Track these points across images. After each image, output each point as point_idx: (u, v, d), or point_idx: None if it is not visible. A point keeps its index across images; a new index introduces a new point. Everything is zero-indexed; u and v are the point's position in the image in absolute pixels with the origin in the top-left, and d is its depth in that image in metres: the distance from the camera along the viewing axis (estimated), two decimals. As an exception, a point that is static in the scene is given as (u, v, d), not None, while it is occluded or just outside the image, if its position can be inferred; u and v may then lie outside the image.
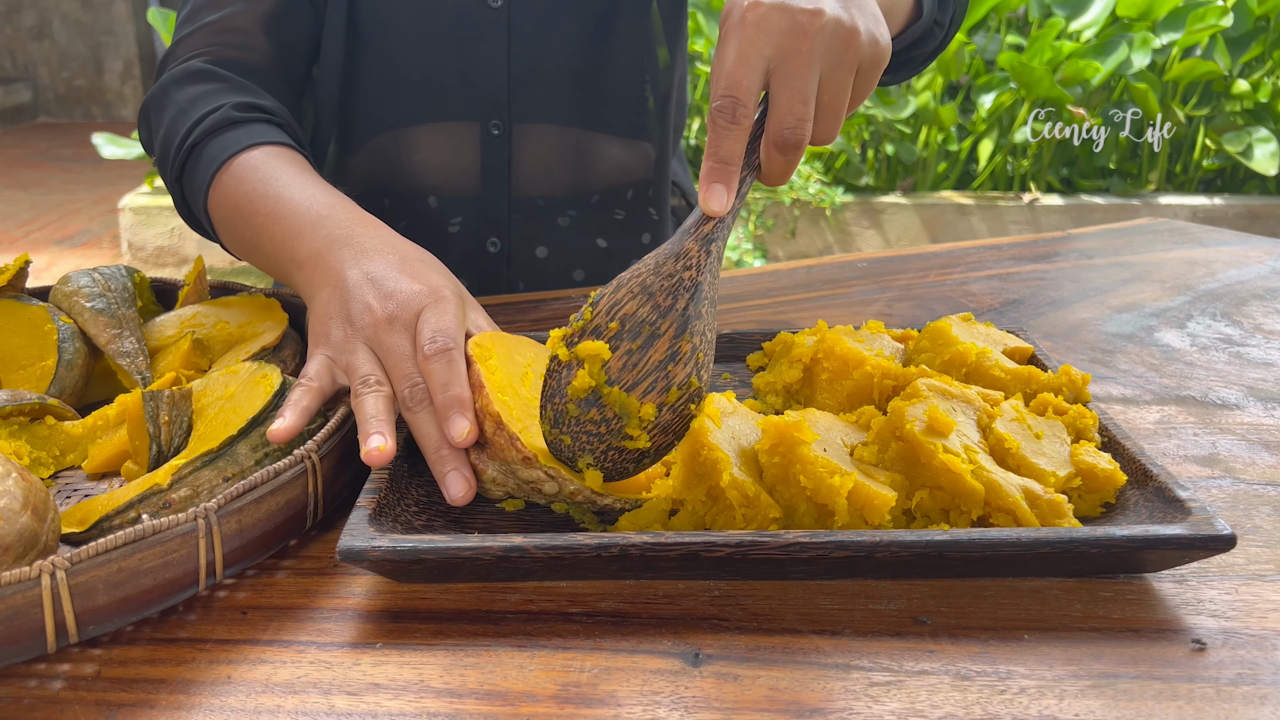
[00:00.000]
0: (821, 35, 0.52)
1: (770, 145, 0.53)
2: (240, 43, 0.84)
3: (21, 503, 0.46)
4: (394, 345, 0.58)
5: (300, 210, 0.68)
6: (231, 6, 0.84)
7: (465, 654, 0.45)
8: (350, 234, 0.65)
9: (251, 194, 0.71)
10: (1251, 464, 0.62)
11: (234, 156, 0.74)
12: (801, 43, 0.52)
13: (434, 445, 0.54)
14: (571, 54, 0.90)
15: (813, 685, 0.43)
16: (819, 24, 0.52)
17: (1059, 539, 0.47)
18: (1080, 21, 3.32)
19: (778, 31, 0.52)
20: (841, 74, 0.54)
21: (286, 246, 0.67)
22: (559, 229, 0.96)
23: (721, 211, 0.53)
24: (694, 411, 0.53)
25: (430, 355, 0.56)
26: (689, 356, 0.52)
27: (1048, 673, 0.43)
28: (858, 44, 0.53)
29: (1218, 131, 3.42)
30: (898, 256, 1.06)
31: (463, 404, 0.54)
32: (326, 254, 0.64)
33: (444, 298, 0.60)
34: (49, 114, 6.56)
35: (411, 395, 0.55)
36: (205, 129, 0.76)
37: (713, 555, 0.47)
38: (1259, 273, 1.01)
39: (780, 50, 0.52)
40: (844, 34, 0.53)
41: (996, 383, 0.63)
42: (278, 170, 0.72)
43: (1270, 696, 0.42)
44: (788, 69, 0.52)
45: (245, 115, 0.77)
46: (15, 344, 0.67)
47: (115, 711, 0.42)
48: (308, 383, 0.58)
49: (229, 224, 0.74)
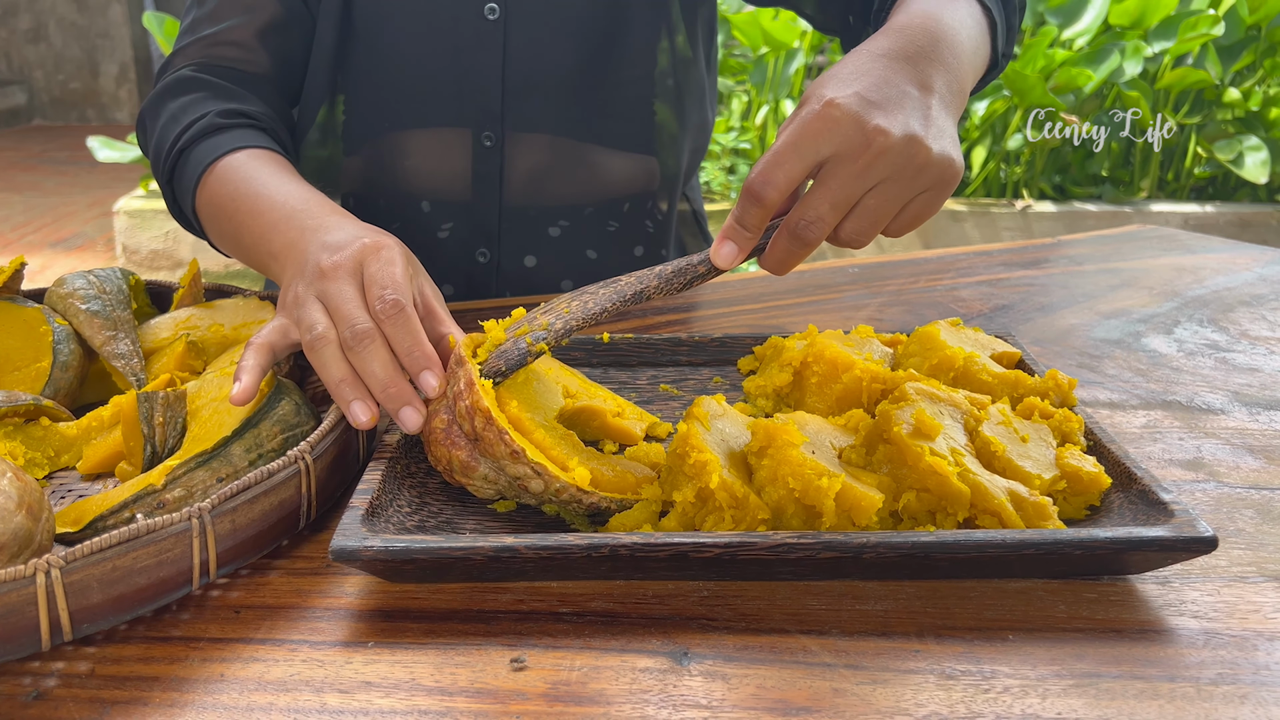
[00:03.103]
0: (886, 156, 0.51)
1: (783, 230, 0.54)
2: (236, 55, 0.87)
3: (16, 502, 0.46)
4: (336, 291, 0.59)
5: (277, 205, 0.71)
6: (230, 20, 0.87)
7: (456, 653, 0.46)
8: (321, 223, 0.67)
9: (234, 193, 0.75)
10: (1235, 468, 0.62)
11: (218, 160, 0.77)
12: (860, 155, 0.51)
13: (380, 386, 0.56)
14: (570, 68, 0.90)
15: (800, 684, 0.43)
16: (886, 144, 0.51)
17: (1044, 540, 0.47)
18: (1073, 29, 3.34)
19: (842, 138, 0.51)
20: (895, 190, 0.53)
21: (264, 239, 0.70)
22: (549, 239, 0.96)
23: (724, 266, 0.55)
24: (531, 346, 0.56)
25: (384, 316, 0.57)
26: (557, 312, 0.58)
27: (1031, 672, 0.44)
28: (924, 167, 0.53)
29: (1209, 139, 3.44)
30: (889, 262, 1.07)
31: (429, 360, 0.56)
32: (298, 241, 0.66)
33: (386, 246, 0.61)
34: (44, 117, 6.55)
35: (353, 336, 0.57)
36: (192, 135, 0.79)
37: (702, 556, 0.47)
38: (1246, 279, 1.02)
39: (837, 154, 0.52)
40: (911, 155, 0.52)
41: (984, 387, 0.63)
42: (258, 170, 0.75)
43: (1250, 696, 0.43)
44: (835, 172, 0.52)
45: (229, 121, 0.80)
46: (11, 345, 0.67)
47: (109, 708, 0.42)
48: (258, 341, 0.60)
49: (214, 222, 0.78)
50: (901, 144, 0.52)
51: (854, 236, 0.54)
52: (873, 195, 0.53)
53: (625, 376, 0.73)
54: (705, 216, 1.11)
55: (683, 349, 0.75)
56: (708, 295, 0.97)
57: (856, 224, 0.54)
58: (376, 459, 0.56)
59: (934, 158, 0.53)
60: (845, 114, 0.51)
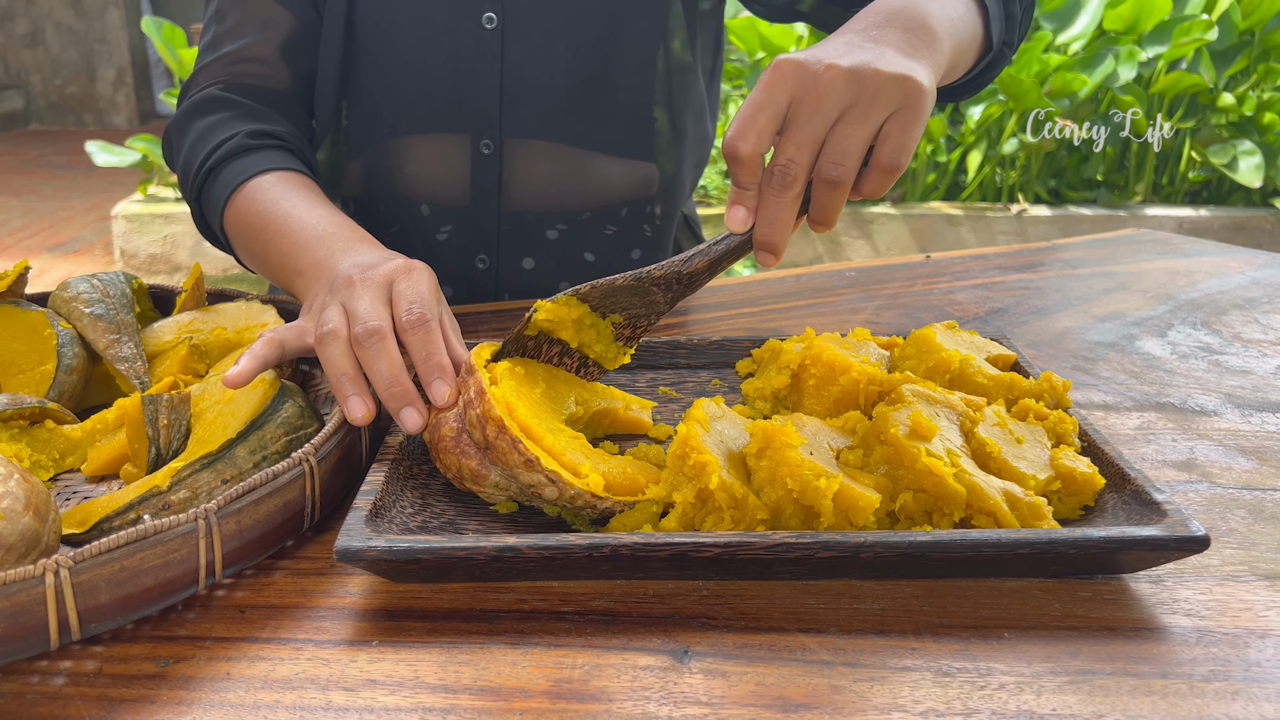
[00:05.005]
0: (835, 85, 0.54)
1: (765, 184, 0.56)
2: (258, 71, 0.89)
3: (24, 504, 0.47)
4: (359, 296, 0.60)
5: (307, 228, 0.73)
6: (250, 36, 0.88)
7: (460, 651, 0.46)
8: (349, 247, 0.69)
9: (262, 214, 0.76)
10: (1228, 469, 0.63)
11: (247, 181, 0.79)
12: (811, 92, 0.54)
13: (385, 384, 0.57)
14: (568, 75, 0.91)
15: (798, 681, 0.44)
16: (833, 75, 0.54)
17: (1038, 540, 0.48)
18: (1068, 34, 3.35)
19: (794, 82, 0.54)
20: (858, 115, 0.54)
21: (291, 258, 0.72)
22: (547, 241, 0.97)
23: (739, 229, 0.57)
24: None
25: (409, 326, 0.58)
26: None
27: (1026, 669, 0.45)
28: (880, 87, 0.54)
29: (1203, 144, 3.46)
30: (885, 266, 1.08)
31: (444, 370, 0.57)
32: (326, 261, 0.68)
33: (418, 269, 0.63)
34: (41, 121, 6.55)
35: (363, 332, 0.58)
36: (221, 155, 0.81)
37: (701, 555, 0.48)
38: (1239, 283, 1.03)
39: (794, 99, 0.55)
40: (862, 80, 0.54)
41: (979, 389, 0.64)
42: (287, 193, 0.77)
43: (1241, 692, 0.43)
44: (795, 115, 0.55)
45: (258, 142, 0.82)
46: (15, 349, 0.68)
47: (116, 707, 0.43)
48: (270, 335, 0.61)
49: (241, 240, 0.80)
50: (848, 72, 0.54)
51: (835, 172, 0.55)
52: (838, 126, 0.55)
53: (625, 379, 0.74)
54: (699, 221, 1.12)
55: (681, 352, 0.76)
56: (706, 299, 0.97)
57: (833, 157, 0.55)
58: (380, 460, 0.57)
59: (886, 75, 0.54)
60: (793, 63, 0.55)
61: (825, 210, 0.57)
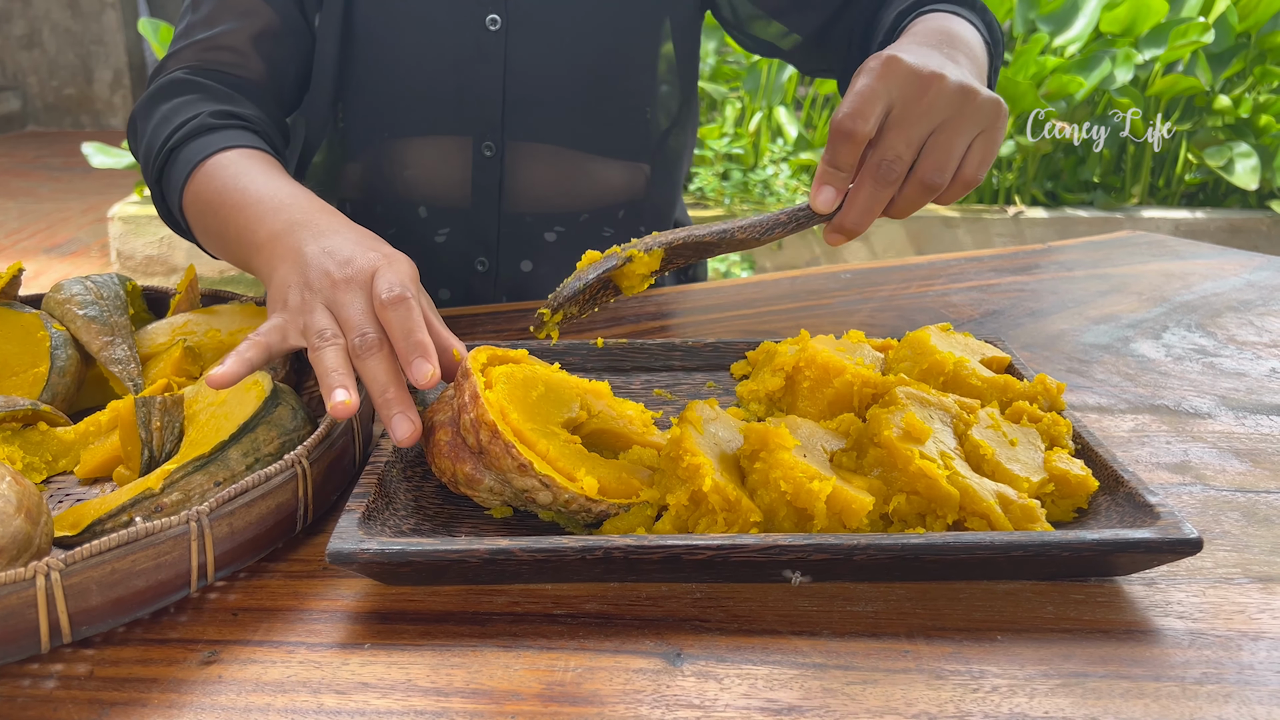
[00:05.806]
0: (944, 96, 0.58)
1: (865, 176, 0.59)
2: (230, 60, 0.87)
3: (15, 506, 0.47)
4: (348, 301, 0.59)
5: (264, 199, 0.70)
6: (224, 25, 0.86)
7: (452, 654, 0.46)
8: (308, 218, 0.66)
9: (220, 189, 0.74)
10: (1222, 471, 0.63)
11: (208, 158, 0.76)
12: (922, 97, 0.58)
13: (380, 389, 0.56)
14: (571, 78, 0.91)
15: (791, 684, 0.44)
16: (943, 86, 0.58)
17: (1031, 542, 0.48)
18: (1064, 37, 3.36)
19: (906, 83, 0.58)
20: (958, 126, 0.59)
21: (247, 232, 0.69)
22: (546, 244, 0.97)
23: (825, 210, 0.59)
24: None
25: (388, 303, 0.57)
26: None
27: (1019, 672, 0.45)
28: (979, 106, 0.59)
29: (1199, 146, 3.46)
30: (881, 268, 1.08)
31: (424, 348, 0.56)
32: (285, 234, 0.65)
33: (398, 259, 0.62)
34: (38, 123, 6.55)
35: (362, 344, 0.57)
36: (183, 135, 0.79)
37: (695, 558, 0.48)
38: (1234, 285, 1.03)
39: (903, 97, 0.58)
40: (966, 95, 0.59)
41: (973, 391, 0.64)
42: (246, 168, 0.75)
43: (1234, 695, 0.43)
44: (904, 114, 0.58)
45: (221, 122, 0.80)
46: (8, 350, 0.68)
47: (108, 710, 0.43)
48: (255, 337, 0.59)
49: (199, 219, 0.77)
50: (956, 86, 0.58)
51: (937, 177, 0.59)
52: (940, 132, 0.59)
53: (619, 381, 0.74)
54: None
55: (676, 354, 0.76)
56: (701, 301, 0.97)
57: (932, 160, 0.59)
58: (372, 463, 0.57)
59: (984, 98, 0.59)
60: (905, 65, 0.58)
61: (906, 210, 0.60)
